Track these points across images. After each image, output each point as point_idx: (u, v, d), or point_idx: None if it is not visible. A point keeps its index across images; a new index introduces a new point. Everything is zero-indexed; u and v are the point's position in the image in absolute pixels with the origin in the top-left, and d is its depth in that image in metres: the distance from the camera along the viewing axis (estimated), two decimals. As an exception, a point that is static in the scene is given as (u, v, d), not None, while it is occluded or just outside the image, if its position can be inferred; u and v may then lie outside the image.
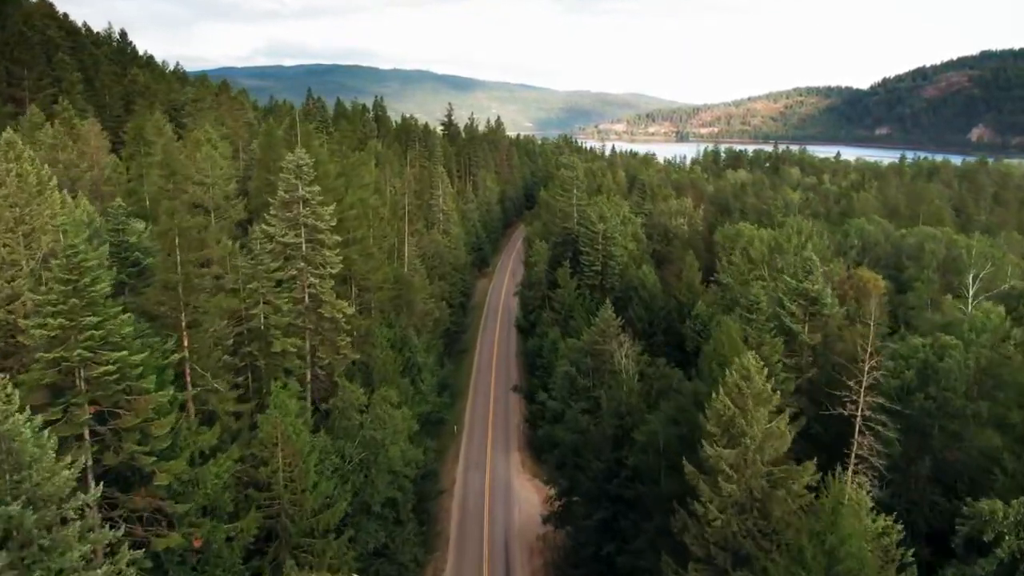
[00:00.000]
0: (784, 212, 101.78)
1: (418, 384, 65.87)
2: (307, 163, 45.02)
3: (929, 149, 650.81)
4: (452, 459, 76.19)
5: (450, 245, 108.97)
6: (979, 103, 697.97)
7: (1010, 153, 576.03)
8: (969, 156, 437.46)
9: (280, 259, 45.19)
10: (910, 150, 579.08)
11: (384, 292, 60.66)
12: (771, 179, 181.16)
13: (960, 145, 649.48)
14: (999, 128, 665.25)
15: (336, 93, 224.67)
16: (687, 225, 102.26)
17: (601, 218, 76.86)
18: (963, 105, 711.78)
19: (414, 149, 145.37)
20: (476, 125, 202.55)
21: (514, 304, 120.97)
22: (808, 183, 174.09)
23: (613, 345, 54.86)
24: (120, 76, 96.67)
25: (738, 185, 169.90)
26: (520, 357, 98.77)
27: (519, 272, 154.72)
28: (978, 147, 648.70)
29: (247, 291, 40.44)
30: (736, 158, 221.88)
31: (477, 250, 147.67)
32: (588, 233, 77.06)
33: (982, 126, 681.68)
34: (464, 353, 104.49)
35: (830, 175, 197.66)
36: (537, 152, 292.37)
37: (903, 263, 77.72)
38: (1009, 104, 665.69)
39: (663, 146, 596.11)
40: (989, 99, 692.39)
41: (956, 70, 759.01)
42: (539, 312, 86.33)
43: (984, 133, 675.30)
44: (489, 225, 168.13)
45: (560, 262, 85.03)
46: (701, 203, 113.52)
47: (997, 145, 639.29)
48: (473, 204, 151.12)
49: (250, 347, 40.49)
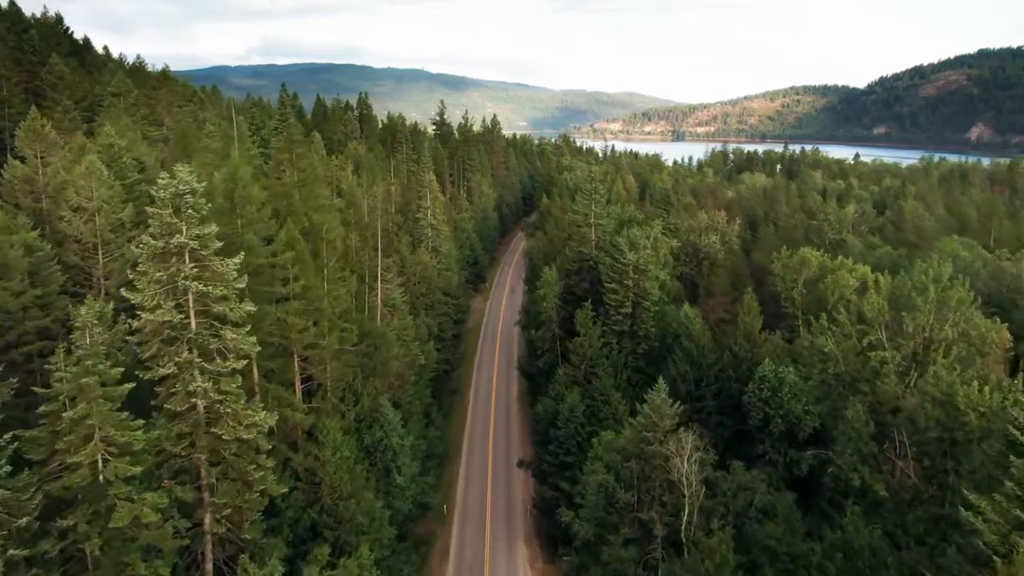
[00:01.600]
0: (837, 229, 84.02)
1: (393, 476, 48.14)
2: (192, 189, 26.98)
3: (928, 148, 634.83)
4: (440, 557, 58.24)
5: (440, 266, 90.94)
6: (978, 102, 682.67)
7: (1011, 152, 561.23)
8: (969, 155, 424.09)
9: (153, 344, 27.30)
10: (909, 149, 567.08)
11: (344, 360, 42.70)
12: (794, 184, 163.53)
13: (959, 144, 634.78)
14: (998, 127, 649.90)
15: (330, 92, 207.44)
16: (720, 243, 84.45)
17: (632, 246, 58.89)
18: (961, 104, 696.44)
19: (400, 152, 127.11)
20: (471, 124, 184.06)
21: (515, 332, 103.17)
22: (836, 188, 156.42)
23: (671, 446, 37.14)
24: (37, 65, 78.32)
25: (760, 191, 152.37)
26: (523, 405, 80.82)
27: (519, 289, 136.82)
28: (977, 146, 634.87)
29: (68, 421, 22.47)
30: (749, 160, 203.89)
31: (472, 264, 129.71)
32: (615, 265, 58.95)
33: (981, 125, 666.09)
34: (456, 395, 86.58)
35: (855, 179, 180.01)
36: (535, 153, 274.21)
37: (1015, 299, 60.04)
38: (1009, 103, 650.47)
39: (660, 145, 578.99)
40: (988, 98, 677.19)
41: (954, 69, 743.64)
42: (548, 357, 68.23)
43: (984, 132, 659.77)
44: (485, 235, 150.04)
45: (576, 296, 66.91)
46: (734, 216, 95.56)
47: (997, 144, 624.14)
48: (467, 213, 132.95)
49: (70, 519, 22.53)
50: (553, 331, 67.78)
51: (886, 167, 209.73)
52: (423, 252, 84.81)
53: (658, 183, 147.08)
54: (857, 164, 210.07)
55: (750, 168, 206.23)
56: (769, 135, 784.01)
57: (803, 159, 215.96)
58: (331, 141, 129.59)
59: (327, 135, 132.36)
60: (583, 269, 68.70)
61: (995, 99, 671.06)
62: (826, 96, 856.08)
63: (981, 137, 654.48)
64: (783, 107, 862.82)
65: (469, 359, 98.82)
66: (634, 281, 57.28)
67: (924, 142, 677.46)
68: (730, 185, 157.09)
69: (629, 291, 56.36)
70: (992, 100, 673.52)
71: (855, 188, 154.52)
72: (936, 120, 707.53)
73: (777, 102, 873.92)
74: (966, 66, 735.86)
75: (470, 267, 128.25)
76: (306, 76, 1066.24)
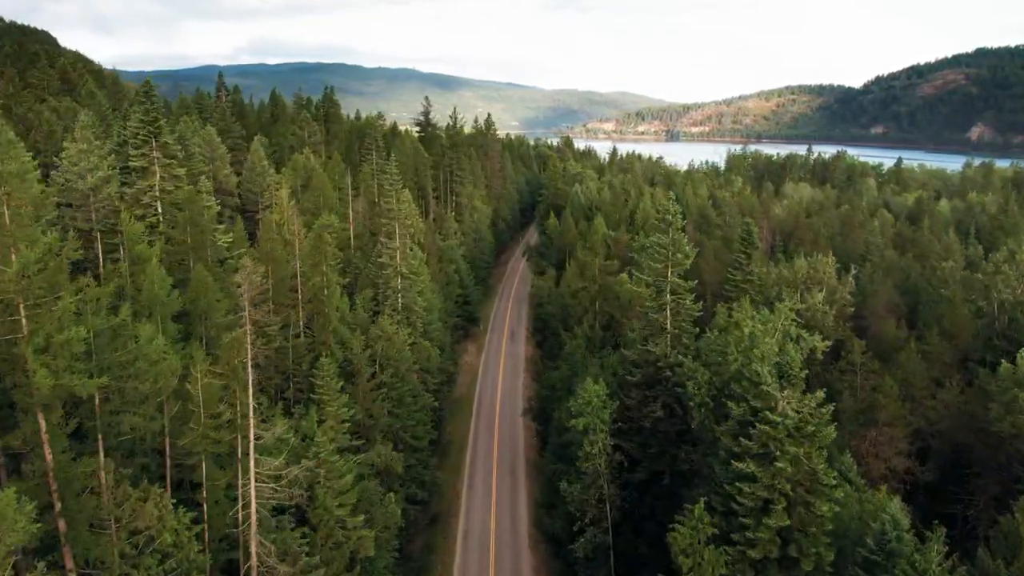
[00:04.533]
0: (1014, 287, 54.40)
1: None
2: None
3: (928, 148, 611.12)
4: None
5: (414, 333, 60.92)
6: (977, 101, 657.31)
7: (1014, 153, 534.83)
8: (970, 155, 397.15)
9: None
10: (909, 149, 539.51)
11: None
12: (862, 199, 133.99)
13: (960, 144, 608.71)
14: (999, 127, 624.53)
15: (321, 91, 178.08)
16: (835, 316, 54.48)
17: (782, 373, 28.65)
18: (960, 103, 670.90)
19: (370, 162, 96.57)
20: (461, 125, 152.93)
21: (520, 420, 73.20)
22: (901, 205, 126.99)
23: None
24: None
25: (812, 206, 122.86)
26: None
27: (520, 333, 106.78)
28: (978, 146, 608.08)
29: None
30: (782, 166, 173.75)
31: (463, 305, 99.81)
32: (749, 423, 28.01)
33: (981, 125, 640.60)
34: (435, 528, 56.76)
35: (921, 190, 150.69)
36: (532, 156, 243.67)
37: None
38: (1010, 102, 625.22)
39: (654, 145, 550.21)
40: (988, 97, 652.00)
41: (951, 68, 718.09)
42: (595, 538, 38.05)
43: (984, 132, 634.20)
44: (479, 261, 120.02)
45: (638, 431, 36.81)
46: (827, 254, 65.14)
47: (999, 144, 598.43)
48: (456, 239, 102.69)
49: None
50: (601, 490, 37.63)
51: (932, 173, 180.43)
52: (385, 320, 54.56)
53: (692, 199, 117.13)
54: (900, 170, 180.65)
55: (780, 175, 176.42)
56: (765, 135, 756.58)
57: (836, 164, 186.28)
58: (281, 148, 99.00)
59: (277, 139, 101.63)
60: (653, 381, 38.28)
61: (995, 98, 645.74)
62: (822, 96, 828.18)
63: (982, 137, 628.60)
64: (778, 107, 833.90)
65: (456, 456, 68.57)
66: (791, 459, 26.71)
67: (923, 142, 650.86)
68: (773, 199, 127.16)
69: (782, 481, 26.20)
70: (992, 99, 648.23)
71: (925, 198, 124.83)
72: (935, 120, 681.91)
73: (772, 102, 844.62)
74: (964, 65, 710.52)
75: (460, 307, 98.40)
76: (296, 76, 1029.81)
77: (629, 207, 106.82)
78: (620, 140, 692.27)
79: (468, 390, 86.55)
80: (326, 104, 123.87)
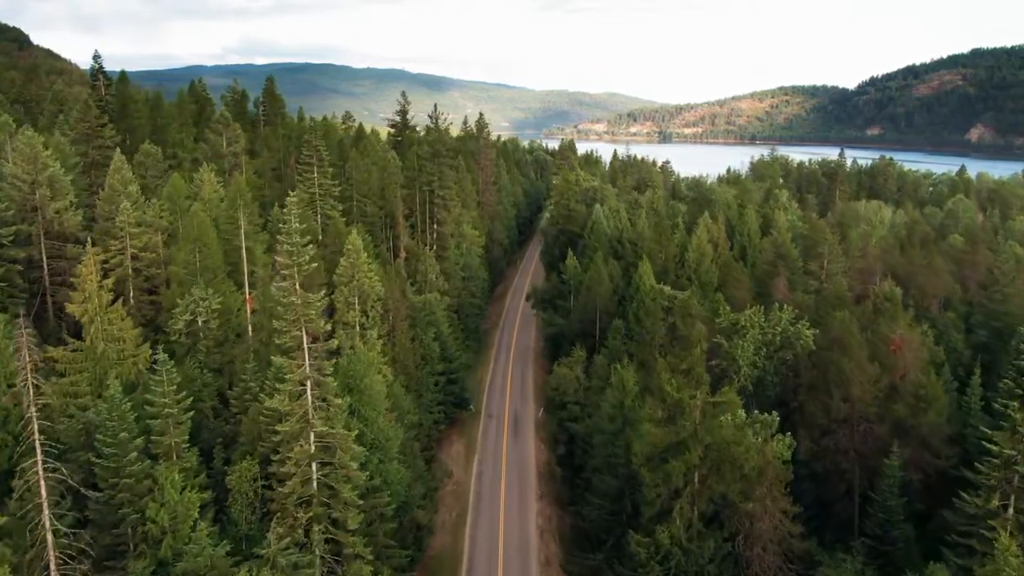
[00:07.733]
0: None
1: None
2: None
3: (926, 150, 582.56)
4: None
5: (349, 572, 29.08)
6: (975, 102, 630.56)
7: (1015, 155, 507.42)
8: (971, 157, 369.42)
9: None
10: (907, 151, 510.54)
11: None
12: (934, 218, 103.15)
13: (959, 145, 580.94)
14: (1000, 128, 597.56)
15: (309, 92, 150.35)
16: None
17: None
18: (958, 104, 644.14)
19: (308, 181, 64.17)
20: (447, 126, 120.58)
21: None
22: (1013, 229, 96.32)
23: None
24: None
25: (911, 235, 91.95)
26: None
27: (526, 417, 75.23)
28: (979, 148, 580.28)
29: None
30: (830, 176, 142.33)
31: (447, 383, 68.03)
32: None
33: (981, 126, 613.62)
34: None
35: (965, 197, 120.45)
36: (528, 162, 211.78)
37: None
38: (1010, 103, 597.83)
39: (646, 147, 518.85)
40: (986, 98, 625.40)
41: (948, 68, 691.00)
42: None
43: (984, 133, 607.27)
44: (469, 307, 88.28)
45: None
46: None
47: (1000, 146, 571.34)
48: (436, 292, 70.59)
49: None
50: None
51: (1005, 185, 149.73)
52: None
53: (752, 227, 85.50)
54: (963, 177, 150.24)
55: (829, 187, 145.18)
56: (759, 136, 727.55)
57: (885, 172, 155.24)
58: (183, 161, 66.46)
59: (173, 148, 69.00)
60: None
61: (994, 99, 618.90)
62: (816, 96, 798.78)
63: (982, 138, 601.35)
64: (772, 108, 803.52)
65: None
66: None
67: (921, 143, 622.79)
68: (848, 223, 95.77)
69: None
70: (991, 100, 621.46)
71: None
72: (933, 121, 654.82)
73: (766, 102, 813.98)
74: (960, 66, 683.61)
75: (441, 389, 66.74)
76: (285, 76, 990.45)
77: (676, 241, 75.07)
78: (612, 141, 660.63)
79: (453, 538, 54.66)
80: (266, 100, 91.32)
